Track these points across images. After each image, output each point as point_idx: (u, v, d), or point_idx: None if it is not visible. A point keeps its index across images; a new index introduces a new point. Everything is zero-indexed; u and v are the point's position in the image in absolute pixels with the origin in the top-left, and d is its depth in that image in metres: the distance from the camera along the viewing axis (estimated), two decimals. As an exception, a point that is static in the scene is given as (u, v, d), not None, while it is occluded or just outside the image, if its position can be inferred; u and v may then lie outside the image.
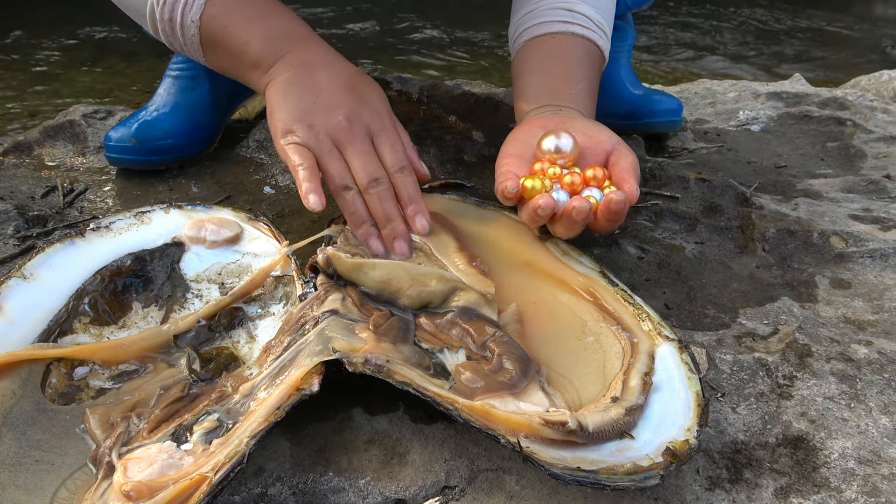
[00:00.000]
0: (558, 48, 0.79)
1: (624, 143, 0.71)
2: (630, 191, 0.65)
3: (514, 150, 0.73)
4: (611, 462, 0.49)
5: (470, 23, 2.83)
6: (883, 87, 1.50)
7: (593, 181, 0.68)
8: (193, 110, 1.00)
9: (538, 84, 0.79)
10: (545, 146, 0.69)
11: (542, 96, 0.77)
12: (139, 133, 0.96)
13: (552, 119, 0.74)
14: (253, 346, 0.64)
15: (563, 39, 0.79)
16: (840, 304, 0.74)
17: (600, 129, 0.72)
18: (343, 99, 0.71)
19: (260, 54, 0.73)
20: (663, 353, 0.58)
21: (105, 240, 0.71)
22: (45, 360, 0.61)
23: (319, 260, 0.65)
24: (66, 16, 2.68)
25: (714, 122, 1.29)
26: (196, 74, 1.01)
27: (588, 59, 0.79)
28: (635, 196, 0.65)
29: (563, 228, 0.66)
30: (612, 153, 0.70)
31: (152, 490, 0.47)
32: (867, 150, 1.14)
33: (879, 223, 0.86)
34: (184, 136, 0.99)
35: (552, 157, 0.69)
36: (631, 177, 0.67)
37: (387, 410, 0.59)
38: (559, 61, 0.79)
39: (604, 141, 0.71)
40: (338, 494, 0.53)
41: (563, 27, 0.79)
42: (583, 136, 0.71)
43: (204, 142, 1.02)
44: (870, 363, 0.65)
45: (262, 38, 0.73)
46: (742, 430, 0.58)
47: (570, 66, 0.79)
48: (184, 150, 0.99)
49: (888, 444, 0.57)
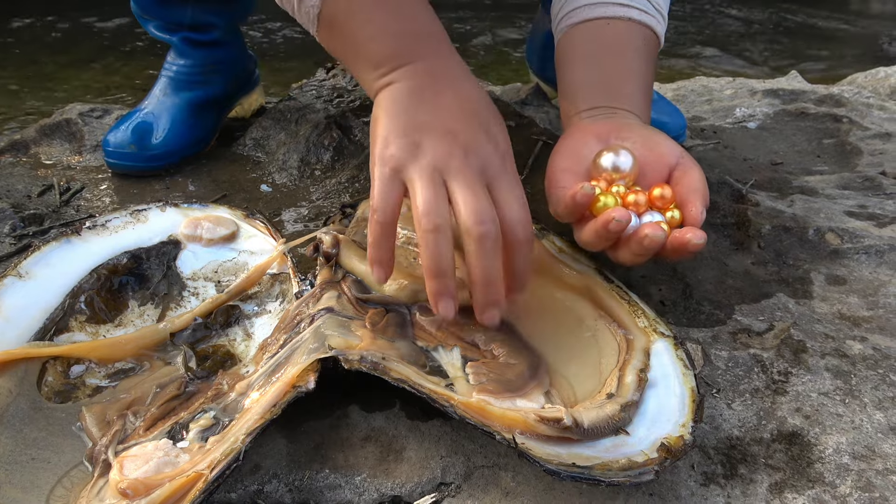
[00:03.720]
0: (614, 37, 0.70)
1: (689, 156, 0.63)
2: (694, 216, 0.58)
3: (567, 163, 0.64)
4: (606, 458, 0.49)
5: (468, 22, 2.83)
6: (879, 84, 1.50)
7: (660, 201, 0.60)
8: (191, 112, 1.00)
9: (590, 80, 0.70)
10: (603, 164, 0.62)
11: (595, 95, 0.69)
12: (136, 137, 0.96)
13: (606, 124, 0.66)
14: (249, 344, 0.65)
15: (620, 26, 0.70)
16: (835, 300, 0.74)
17: (661, 138, 0.64)
18: (464, 126, 0.58)
19: (383, 54, 0.61)
20: (659, 349, 0.59)
21: (101, 238, 0.71)
22: (41, 358, 0.61)
23: (326, 241, 0.65)
24: (62, 13, 2.67)
25: (711, 119, 1.29)
26: (192, 74, 1.01)
27: (646, 49, 0.71)
28: (700, 223, 0.57)
29: (630, 254, 0.58)
30: (675, 168, 0.62)
31: (148, 487, 0.47)
32: (863, 147, 1.14)
33: (875, 220, 0.87)
34: (182, 139, 0.98)
35: (609, 177, 0.61)
36: (697, 199, 0.58)
37: (383, 407, 0.59)
38: (615, 53, 0.70)
39: (666, 154, 0.63)
40: (334, 491, 0.53)
41: (620, 11, 0.69)
42: (642, 147, 0.63)
43: (202, 142, 1.02)
44: (864, 359, 0.65)
45: (390, 35, 0.61)
46: (737, 425, 0.58)
47: (627, 60, 0.70)
48: (183, 152, 0.99)
49: (882, 439, 0.57)
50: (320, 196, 0.93)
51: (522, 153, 0.96)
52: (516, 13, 2.90)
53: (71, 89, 2.03)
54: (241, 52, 1.08)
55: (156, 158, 0.97)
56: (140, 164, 0.96)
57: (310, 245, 0.69)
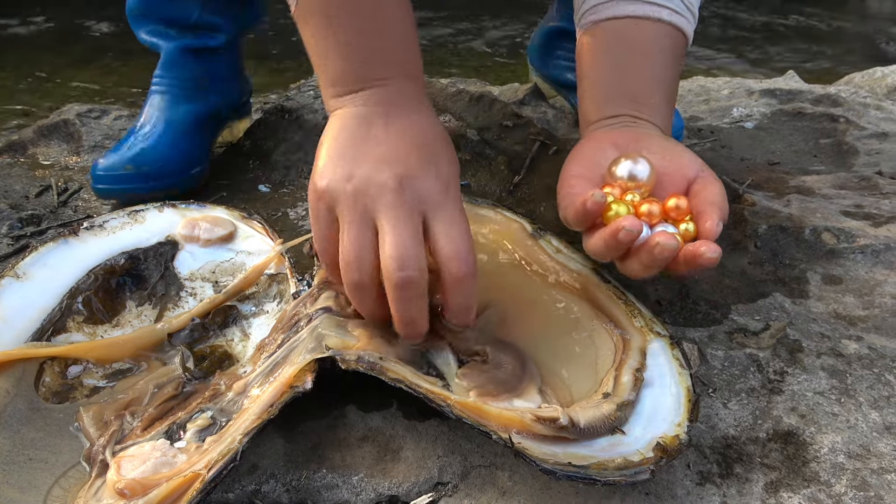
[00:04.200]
0: (641, 38, 0.66)
1: (709, 170, 0.60)
2: (710, 228, 0.55)
3: (580, 170, 0.61)
4: (602, 457, 0.50)
5: (466, 21, 2.83)
6: (876, 84, 1.51)
7: (674, 212, 0.57)
8: (186, 129, 0.92)
9: (613, 84, 0.66)
10: (618, 172, 0.59)
11: (617, 101, 0.65)
12: (133, 158, 0.88)
13: (625, 134, 0.63)
14: (247, 344, 0.65)
15: (648, 27, 0.65)
16: (831, 299, 0.74)
17: (681, 151, 0.62)
18: (405, 156, 0.54)
19: (341, 73, 0.58)
20: (655, 349, 0.59)
21: (99, 238, 0.71)
22: (38, 358, 0.61)
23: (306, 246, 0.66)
24: (60, 14, 2.67)
25: (708, 119, 1.29)
26: (186, 88, 0.95)
27: (673, 53, 0.67)
28: (715, 236, 0.55)
29: (640, 265, 0.55)
30: (694, 181, 0.59)
31: (145, 487, 0.47)
32: (860, 147, 1.15)
33: (871, 219, 0.87)
34: (181, 158, 0.91)
35: (625, 185, 0.59)
36: (715, 212, 0.55)
37: (380, 407, 0.59)
38: (641, 56, 0.66)
39: (685, 166, 0.60)
40: (331, 491, 0.53)
41: (649, 10, 0.65)
42: (661, 158, 0.60)
43: (200, 161, 0.94)
44: (860, 358, 0.65)
45: (353, 51, 0.57)
46: (733, 425, 0.59)
47: (654, 65, 0.66)
48: (182, 173, 0.91)
49: (878, 438, 0.57)
50: (318, 196, 0.93)
51: (520, 153, 0.96)
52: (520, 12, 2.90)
53: (69, 90, 2.03)
54: (238, 71, 1.02)
55: (154, 177, 0.88)
56: (137, 185, 0.87)
57: (307, 245, 0.69)
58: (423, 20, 2.82)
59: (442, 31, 2.72)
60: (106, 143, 1.11)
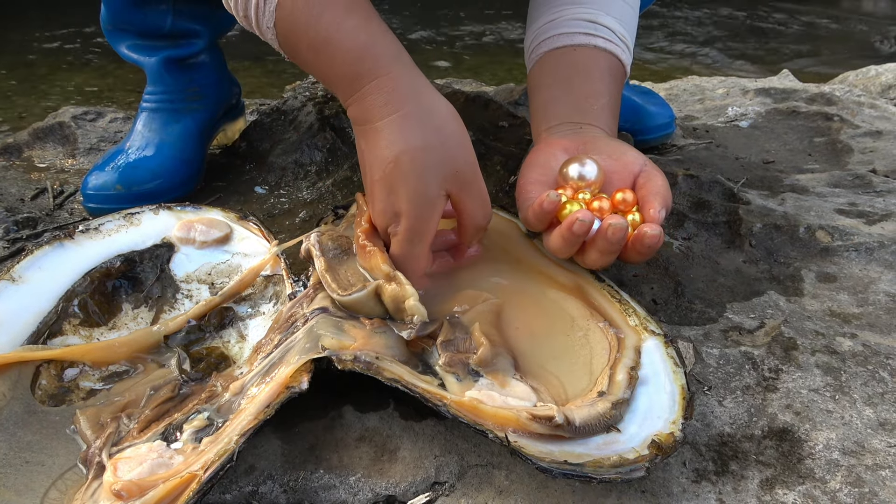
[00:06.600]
0: (580, 61, 0.74)
1: (652, 164, 0.66)
2: (653, 216, 0.61)
3: (535, 175, 0.67)
4: (597, 455, 0.50)
5: (463, 22, 2.83)
6: (870, 83, 1.51)
7: (622, 205, 0.63)
8: (179, 146, 0.92)
9: (558, 99, 0.74)
10: (570, 174, 0.64)
11: (563, 112, 0.73)
12: (124, 177, 0.88)
13: (574, 140, 0.69)
14: (243, 346, 0.65)
15: (585, 52, 0.74)
16: (825, 297, 0.74)
17: (626, 149, 0.68)
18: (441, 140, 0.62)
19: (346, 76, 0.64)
20: (649, 347, 0.59)
21: (94, 241, 0.71)
22: (35, 361, 0.61)
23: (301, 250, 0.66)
24: (55, 16, 2.67)
25: (703, 118, 1.30)
26: (175, 101, 0.95)
27: (610, 73, 0.75)
28: (658, 221, 0.61)
29: (598, 253, 0.61)
30: (639, 175, 0.65)
31: (142, 489, 0.47)
32: (854, 145, 1.15)
33: (865, 217, 0.87)
34: (172, 176, 0.91)
35: (576, 185, 0.64)
36: (657, 201, 0.62)
37: (377, 408, 0.59)
38: (580, 75, 0.74)
39: (630, 162, 0.66)
40: (328, 491, 0.53)
41: (585, 39, 0.74)
42: (608, 157, 0.66)
43: (193, 179, 0.95)
44: (854, 355, 0.65)
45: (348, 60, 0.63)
46: (728, 422, 0.59)
47: (593, 81, 0.74)
48: (173, 192, 0.91)
49: (872, 435, 0.57)
50: (314, 197, 0.93)
51: (515, 153, 0.96)
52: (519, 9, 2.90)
53: (64, 92, 2.03)
54: (224, 76, 1.02)
55: (144, 197, 0.87)
56: (127, 205, 0.82)
57: (303, 246, 0.69)
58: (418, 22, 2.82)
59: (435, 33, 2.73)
60: (101, 146, 1.11)
